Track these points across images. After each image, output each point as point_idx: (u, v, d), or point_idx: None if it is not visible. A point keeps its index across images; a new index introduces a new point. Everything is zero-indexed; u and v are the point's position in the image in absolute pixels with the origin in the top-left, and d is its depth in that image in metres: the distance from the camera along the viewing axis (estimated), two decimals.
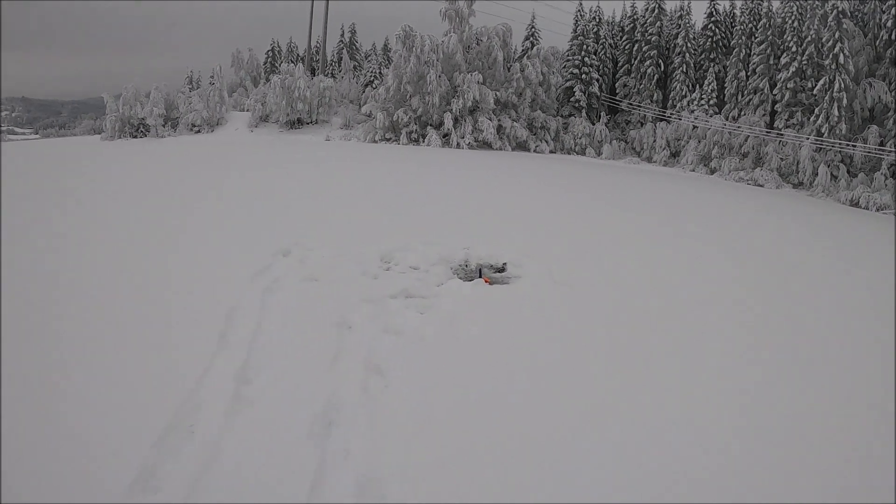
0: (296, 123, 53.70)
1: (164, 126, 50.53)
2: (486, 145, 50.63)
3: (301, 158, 33.71)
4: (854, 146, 41.33)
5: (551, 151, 53.35)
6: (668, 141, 52.39)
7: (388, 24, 66.92)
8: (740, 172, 45.66)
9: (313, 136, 50.98)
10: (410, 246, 14.46)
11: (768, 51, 46.72)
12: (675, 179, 41.07)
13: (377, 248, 14.28)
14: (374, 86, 58.14)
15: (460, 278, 12.89)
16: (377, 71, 61.91)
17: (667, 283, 13.82)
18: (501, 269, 13.63)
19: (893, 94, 40.66)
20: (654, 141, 53.13)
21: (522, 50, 59.31)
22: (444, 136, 50.06)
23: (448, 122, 49.51)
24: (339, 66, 68.91)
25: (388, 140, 50.59)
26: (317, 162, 32.18)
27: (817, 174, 41.88)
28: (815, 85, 42.62)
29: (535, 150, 52.26)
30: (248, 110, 56.92)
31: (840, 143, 41.50)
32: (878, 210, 38.27)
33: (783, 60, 45.12)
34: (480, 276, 13.05)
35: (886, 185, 39.34)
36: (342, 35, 74.55)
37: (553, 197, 25.20)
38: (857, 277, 16.85)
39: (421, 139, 50.39)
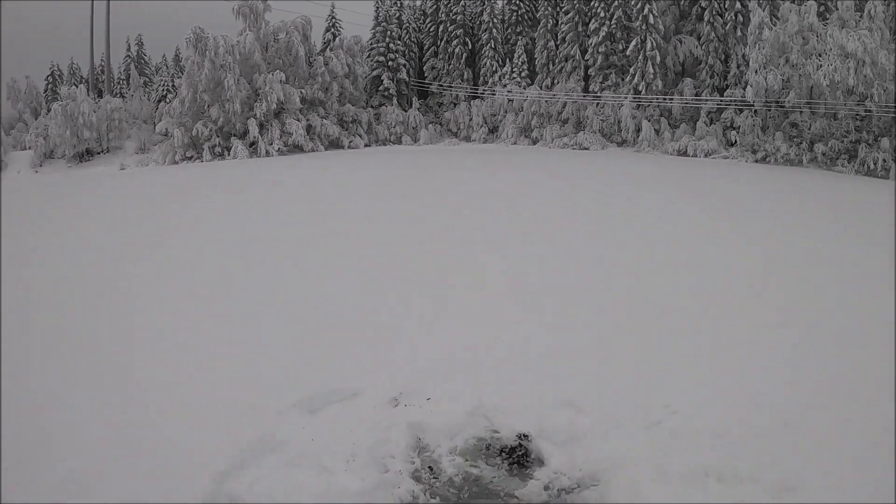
0: (85, 155, 44.13)
1: None
2: (297, 148, 43.75)
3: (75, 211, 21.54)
4: (672, 99, 40.92)
5: (366, 145, 47.52)
6: (485, 118, 49.06)
7: (178, 31, 56.37)
8: (564, 139, 43.78)
9: (106, 168, 41.75)
10: None
11: (576, 18, 44.45)
12: (504, 154, 39.67)
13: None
14: (167, 100, 48.65)
15: None
16: (170, 83, 53.55)
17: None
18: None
19: (703, 47, 40.38)
20: (471, 119, 49.52)
21: (324, 43, 52.44)
22: (250, 146, 42.57)
23: (253, 129, 42.26)
24: (128, 83, 58.79)
25: (189, 159, 42.43)
26: (100, 217, 19.89)
27: (640, 130, 41.09)
28: (627, 46, 41.52)
29: (349, 146, 46.16)
30: (30, 147, 45.56)
31: (658, 99, 40.98)
32: (705, 156, 37.73)
33: (592, 26, 43.30)
34: None
35: (710, 132, 38.92)
36: (128, 49, 64.28)
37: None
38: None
39: (226, 152, 42.58)
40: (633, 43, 40.71)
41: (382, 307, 10.66)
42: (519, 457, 6.64)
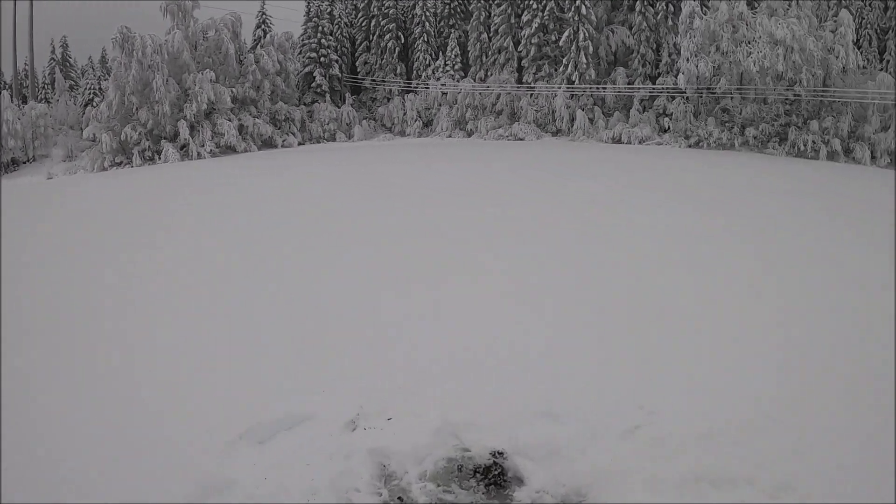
0: (11, 165, 41.45)
1: None
2: (229, 149, 41.84)
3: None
4: (605, 89, 41.04)
5: (300, 143, 45.85)
6: (419, 112, 48.11)
7: (104, 31, 52.70)
8: (498, 130, 43.36)
9: (33, 177, 38.88)
10: None
11: (509, 10, 43.92)
12: (441, 147, 39.08)
13: None
14: (94, 104, 46.03)
15: None
16: (97, 86, 51.21)
17: None
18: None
19: (635, 37, 40.62)
20: (405, 114, 48.44)
21: (255, 40, 50.66)
22: (181, 149, 40.39)
23: (184, 131, 40.18)
24: (53, 88, 55.52)
25: (118, 165, 40.00)
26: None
27: (574, 119, 41.04)
28: (560, 37, 41.30)
29: (282, 145, 44.49)
30: None
31: (591, 88, 41.06)
32: (639, 143, 38.11)
33: (525, 18, 42.88)
34: None
35: (643, 120, 39.31)
36: (52, 51, 61.10)
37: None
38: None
39: (156, 156, 40.28)
40: (566, 34, 40.61)
41: (335, 318, 9.60)
42: (495, 477, 5.92)
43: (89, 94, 50.29)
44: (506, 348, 8.33)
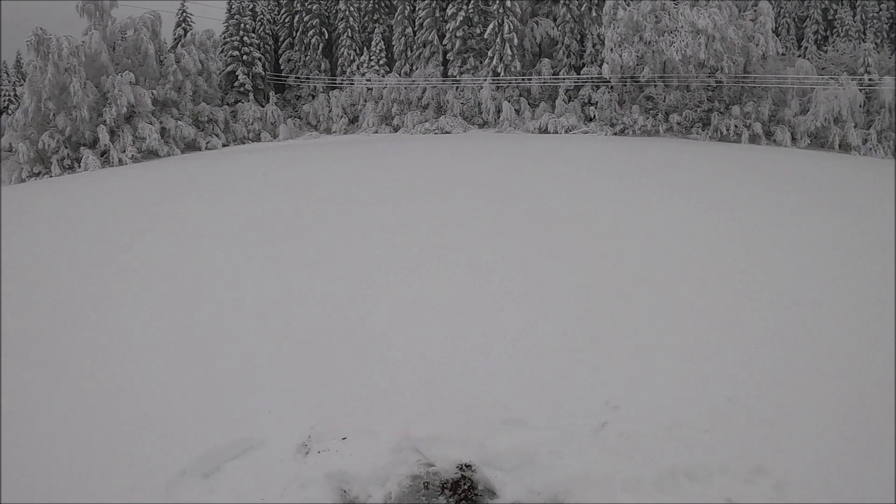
0: None
1: None
2: (151, 154, 39.90)
3: None
4: (530, 80, 41.27)
5: (224, 145, 44.34)
6: (345, 108, 47.40)
7: (19, 34, 50.01)
8: (425, 124, 43.07)
9: None
10: None
11: (433, 4, 43.73)
12: (368, 143, 37.73)
13: None
14: (9, 112, 43.80)
15: None
16: (12, 93, 49.15)
17: None
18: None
19: (559, 28, 40.95)
20: (330, 111, 47.67)
21: (175, 39, 48.66)
22: (102, 155, 38.38)
23: (104, 136, 38.03)
24: None
25: (37, 175, 37.66)
26: None
27: (501, 111, 41.11)
28: (485, 30, 41.38)
29: (206, 148, 42.85)
30: None
31: (517, 80, 41.27)
32: (566, 132, 38.34)
33: (449, 11, 42.74)
34: None
35: (569, 109, 39.69)
36: None
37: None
38: None
39: (76, 164, 38.04)
40: (491, 26, 40.72)
41: (276, 331, 8.71)
42: (465, 491, 5.41)
43: (4, 101, 47.86)
44: (464, 355, 7.77)
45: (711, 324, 8.55)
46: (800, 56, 37.86)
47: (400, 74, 45.10)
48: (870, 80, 33.04)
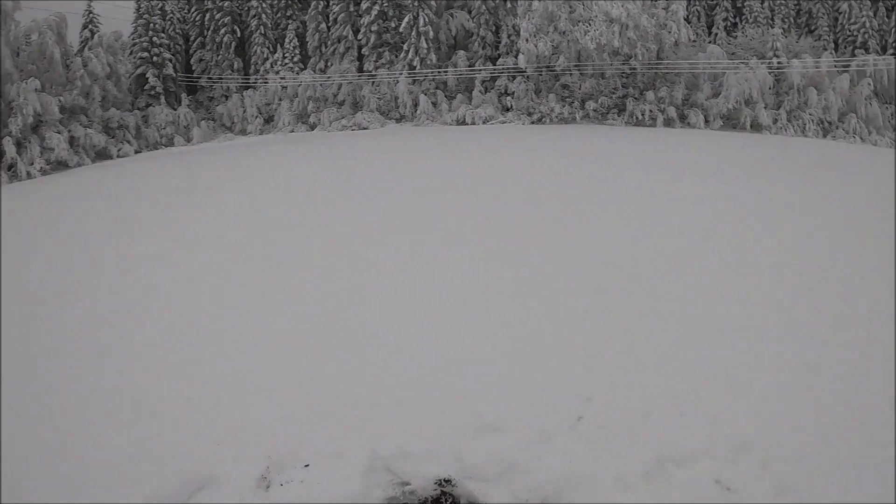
0: None
1: None
2: (61, 165, 37.06)
3: None
4: (446, 72, 40.99)
5: (137, 151, 41.84)
6: (259, 108, 45.91)
7: None
8: (342, 121, 42.15)
9: None
10: None
11: None
12: (288, 144, 36.19)
13: None
14: None
15: None
16: None
17: None
18: None
19: (475, 20, 40.87)
20: (245, 111, 45.99)
21: (82, 42, 46.01)
22: (9, 169, 35.11)
23: (10, 148, 34.98)
24: None
25: None
26: None
27: (418, 105, 40.70)
28: (400, 23, 40.80)
29: (118, 155, 40.27)
30: None
31: (433, 72, 40.86)
32: (483, 123, 38.29)
33: (364, 5, 42.05)
34: None
35: (486, 100, 39.58)
36: None
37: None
38: None
39: None
40: (406, 20, 40.23)
41: (219, 350, 7.81)
42: None
43: None
44: (426, 361, 7.20)
45: (659, 308, 8.41)
46: (711, 42, 38.80)
47: (315, 71, 43.98)
48: (778, 63, 34.16)
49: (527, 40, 35.37)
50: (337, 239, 12.76)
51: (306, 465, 5.39)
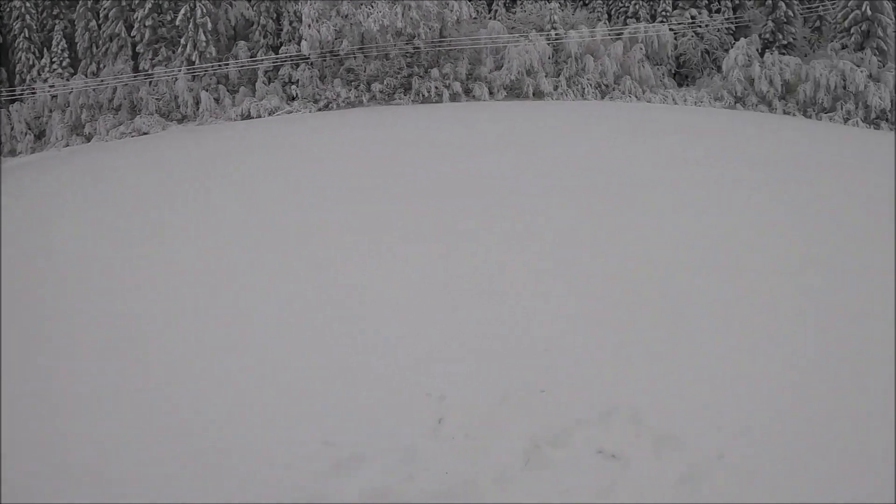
0: None
1: None
2: None
3: None
4: (227, 65, 39.21)
5: None
6: (29, 123, 40.67)
7: None
8: (120, 128, 38.45)
9: None
10: None
11: None
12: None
13: None
14: None
15: None
16: None
17: None
18: None
19: (254, 8, 39.45)
20: (13, 128, 40.57)
21: None
22: None
23: None
24: None
25: None
26: None
27: (199, 102, 38.48)
28: (176, 16, 38.44)
29: None
30: None
31: (213, 66, 38.86)
32: (269, 114, 36.93)
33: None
34: None
35: (270, 91, 38.24)
36: None
37: None
38: None
39: None
40: (182, 12, 37.81)
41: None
42: None
43: None
44: (408, 364, 7.36)
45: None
46: (491, 18, 39.91)
47: (87, 75, 40.26)
48: (556, 34, 36.05)
49: (309, 26, 34.89)
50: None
51: None
